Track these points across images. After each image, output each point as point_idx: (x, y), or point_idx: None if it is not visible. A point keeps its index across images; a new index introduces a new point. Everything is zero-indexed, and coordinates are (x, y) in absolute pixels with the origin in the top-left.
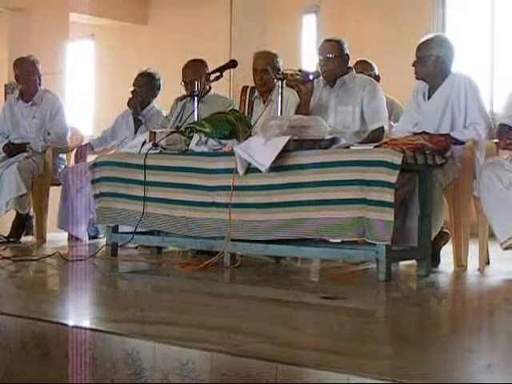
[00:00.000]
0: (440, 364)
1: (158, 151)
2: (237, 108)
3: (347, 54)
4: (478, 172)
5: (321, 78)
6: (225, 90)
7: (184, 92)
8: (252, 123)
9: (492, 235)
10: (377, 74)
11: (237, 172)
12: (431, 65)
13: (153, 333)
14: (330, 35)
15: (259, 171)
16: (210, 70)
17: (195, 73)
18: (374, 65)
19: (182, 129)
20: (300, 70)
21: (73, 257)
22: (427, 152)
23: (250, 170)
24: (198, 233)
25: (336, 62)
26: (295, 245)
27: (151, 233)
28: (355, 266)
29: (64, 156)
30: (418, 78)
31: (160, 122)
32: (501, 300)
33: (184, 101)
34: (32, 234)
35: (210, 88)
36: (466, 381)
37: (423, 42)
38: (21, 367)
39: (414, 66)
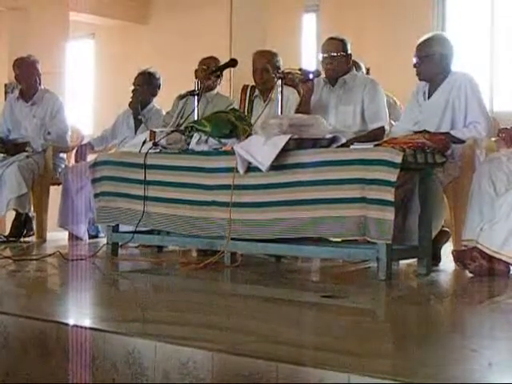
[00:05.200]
0: (441, 363)
1: (158, 150)
2: (237, 107)
3: (350, 54)
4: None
5: (321, 76)
6: (225, 89)
7: (185, 86)
8: (252, 122)
9: None
10: (364, 73)
11: (237, 171)
12: (436, 63)
13: (153, 332)
14: (329, 34)
15: (259, 170)
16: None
17: (215, 61)
18: (362, 64)
19: (182, 128)
20: (300, 69)
21: (73, 256)
22: (427, 151)
23: (251, 168)
24: (198, 232)
25: (340, 60)
26: (296, 244)
27: (152, 232)
28: (356, 264)
29: (64, 155)
30: (421, 79)
31: (161, 119)
32: (502, 298)
33: (185, 99)
34: (32, 235)
35: (216, 86)
36: (466, 380)
37: (423, 42)
38: (21, 367)
39: (415, 67)
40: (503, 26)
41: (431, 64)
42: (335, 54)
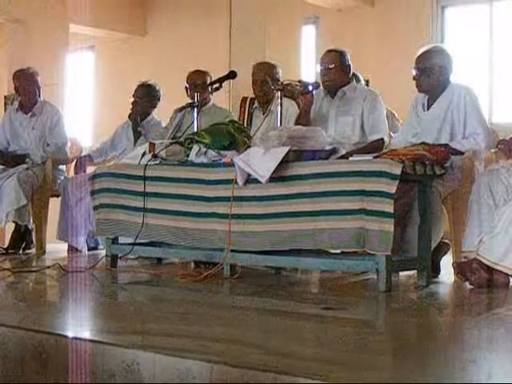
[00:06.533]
0: (440, 374)
1: (157, 162)
2: (236, 119)
3: (348, 65)
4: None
5: (320, 88)
6: (224, 100)
7: (185, 98)
8: (251, 134)
9: None
10: (363, 85)
11: (236, 183)
12: (436, 75)
13: (152, 344)
14: (329, 46)
15: (259, 182)
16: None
17: (201, 77)
18: (361, 76)
19: (182, 139)
20: (299, 81)
21: (72, 268)
22: (426, 162)
23: (250, 180)
24: (197, 244)
25: (336, 72)
26: (295, 255)
27: (151, 244)
28: (355, 276)
29: (63, 167)
30: (420, 91)
31: (159, 133)
32: (502, 310)
33: (183, 111)
34: (32, 247)
35: (210, 99)
36: None
37: (423, 54)
38: (20, 379)
39: (415, 79)
40: (502, 38)
41: (431, 76)
42: (331, 66)
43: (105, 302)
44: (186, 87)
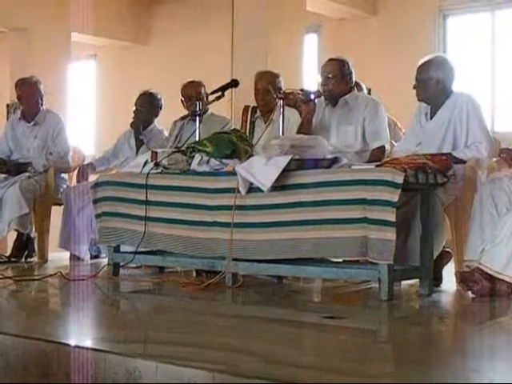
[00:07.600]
0: (442, 383)
1: (159, 171)
2: (236, 127)
3: (349, 74)
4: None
5: (322, 97)
6: (226, 109)
7: (183, 111)
8: (253, 143)
9: None
10: (366, 93)
11: (238, 191)
12: (431, 88)
13: (154, 353)
14: (330, 55)
15: (261, 191)
16: (210, 90)
17: (195, 89)
18: (363, 85)
19: (184, 148)
20: (301, 90)
21: (74, 276)
22: (429, 171)
23: (252, 189)
24: (199, 252)
25: (336, 81)
26: (297, 264)
27: (153, 252)
28: (357, 285)
29: (66, 176)
30: (419, 100)
31: (160, 142)
32: (504, 319)
33: (183, 122)
34: (34, 255)
35: (207, 108)
36: None
37: (423, 65)
38: None
39: (414, 88)
40: (504, 46)
41: (426, 88)
42: (330, 76)
43: (107, 310)
44: (181, 100)
